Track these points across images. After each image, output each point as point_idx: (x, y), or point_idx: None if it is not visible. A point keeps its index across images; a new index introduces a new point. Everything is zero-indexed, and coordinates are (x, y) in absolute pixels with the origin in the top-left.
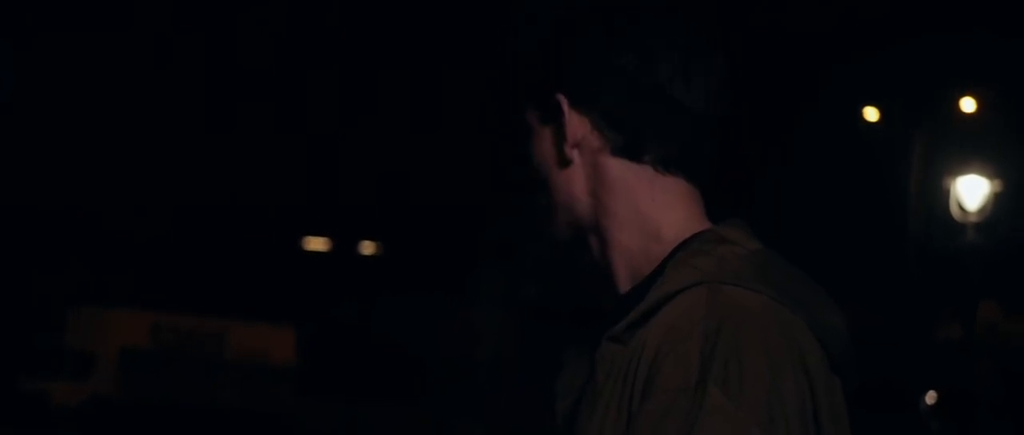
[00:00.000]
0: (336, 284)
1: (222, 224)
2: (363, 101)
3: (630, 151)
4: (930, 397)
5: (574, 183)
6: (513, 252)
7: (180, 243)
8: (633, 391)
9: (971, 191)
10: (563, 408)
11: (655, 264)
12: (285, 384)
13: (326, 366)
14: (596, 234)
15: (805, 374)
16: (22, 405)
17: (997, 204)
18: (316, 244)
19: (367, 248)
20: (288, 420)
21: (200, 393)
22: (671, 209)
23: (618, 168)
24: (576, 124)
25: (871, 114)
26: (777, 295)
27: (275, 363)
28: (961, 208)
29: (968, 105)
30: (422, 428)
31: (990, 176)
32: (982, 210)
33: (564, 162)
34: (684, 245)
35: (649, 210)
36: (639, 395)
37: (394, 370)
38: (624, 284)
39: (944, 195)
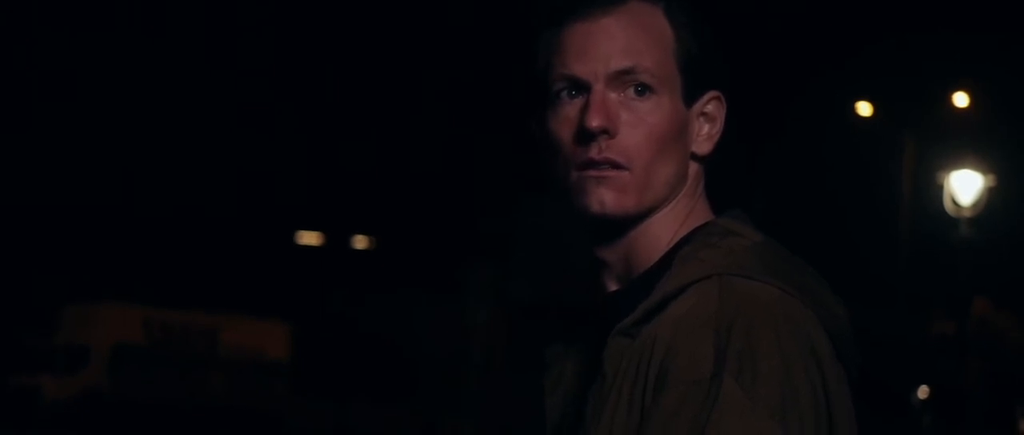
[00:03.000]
0: (329, 278)
1: (215, 219)
2: (357, 97)
3: None
4: (922, 392)
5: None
6: (503, 250)
7: (173, 238)
8: (646, 384)
9: (965, 186)
10: (551, 405)
11: (660, 253)
12: (278, 379)
13: (319, 361)
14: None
15: (817, 364)
16: (14, 400)
17: (990, 199)
18: (309, 238)
19: (360, 242)
20: (281, 415)
21: (193, 388)
22: None
23: None
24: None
25: (864, 109)
26: (786, 286)
27: (268, 358)
28: (955, 203)
29: (961, 100)
30: (413, 423)
31: (984, 171)
32: (976, 205)
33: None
34: (689, 237)
35: None
36: (652, 388)
37: (385, 366)
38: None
39: (937, 190)
